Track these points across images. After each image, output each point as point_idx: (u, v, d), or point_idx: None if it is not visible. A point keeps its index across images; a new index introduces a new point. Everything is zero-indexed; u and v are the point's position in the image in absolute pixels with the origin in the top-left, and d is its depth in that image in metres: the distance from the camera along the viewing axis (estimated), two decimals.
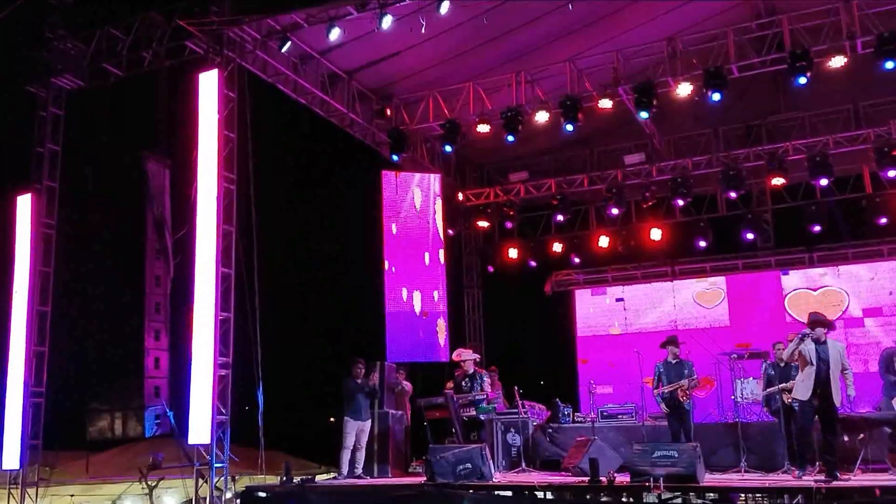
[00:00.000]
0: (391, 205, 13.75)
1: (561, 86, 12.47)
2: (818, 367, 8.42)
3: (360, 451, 10.83)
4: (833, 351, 8.46)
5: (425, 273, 13.77)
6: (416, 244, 13.82)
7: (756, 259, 15.60)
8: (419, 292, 13.60)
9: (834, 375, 8.41)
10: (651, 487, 8.45)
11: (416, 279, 13.65)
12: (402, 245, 13.71)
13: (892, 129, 12.79)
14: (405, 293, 13.53)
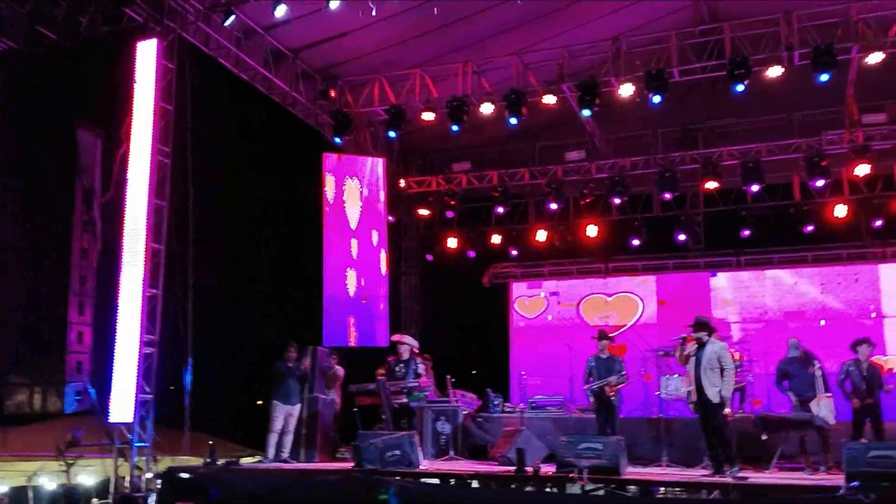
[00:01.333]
0: (332, 188, 13.60)
1: (507, 79, 12.52)
2: (695, 368, 8.84)
3: (287, 435, 10.75)
4: (708, 351, 8.80)
5: (364, 258, 13.67)
6: (357, 229, 13.70)
7: (686, 260, 15.97)
8: (358, 277, 13.50)
9: (706, 374, 8.75)
10: (576, 479, 8.60)
11: (355, 264, 13.55)
12: (342, 229, 13.58)
13: (823, 140, 13.20)
14: (343, 277, 13.42)
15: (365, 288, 13.48)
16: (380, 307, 13.64)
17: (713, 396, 8.79)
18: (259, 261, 14.41)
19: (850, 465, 7.84)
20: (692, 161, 14.07)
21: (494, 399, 12.78)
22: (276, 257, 14.19)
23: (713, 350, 8.87)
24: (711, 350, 8.87)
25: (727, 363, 8.83)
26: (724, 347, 9.02)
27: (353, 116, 13.32)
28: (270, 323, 13.90)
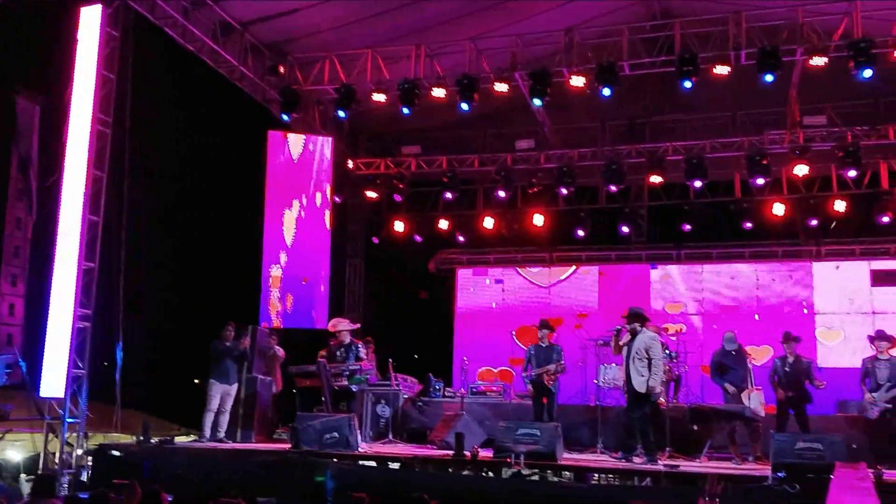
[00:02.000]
0: (277, 166, 13.42)
1: (460, 64, 12.49)
2: (626, 357, 9.17)
3: (223, 414, 10.67)
4: (638, 341, 9.04)
5: (308, 238, 13.54)
6: (301, 208, 13.55)
7: (628, 252, 16.20)
8: (301, 257, 13.37)
9: (634, 364, 9.03)
10: (512, 463, 8.70)
11: (299, 244, 13.41)
12: (285, 208, 13.42)
13: (765, 139, 13.50)
14: (285, 257, 13.28)
15: (306, 269, 13.36)
16: (320, 289, 13.54)
17: (639, 386, 9.02)
18: (199, 237, 14.14)
19: (776, 457, 8.09)
20: (638, 155, 14.23)
21: (436, 384, 12.83)
22: (218, 234, 13.94)
23: (642, 340, 9.10)
24: (640, 340, 9.11)
25: (655, 354, 9.03)
26: (654, 338, 9.21)
27: (302, 94, 13.13)
28: (210, 301, 13.67)
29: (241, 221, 13.98)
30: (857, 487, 6.38)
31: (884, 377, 9.12)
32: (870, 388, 9.19)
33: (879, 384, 9.12)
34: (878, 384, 9.13)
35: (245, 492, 7.69)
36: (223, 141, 13.75)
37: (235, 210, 14.17)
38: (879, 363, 9.23)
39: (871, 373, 9.25)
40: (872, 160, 13.68)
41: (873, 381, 9.19)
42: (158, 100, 12.89)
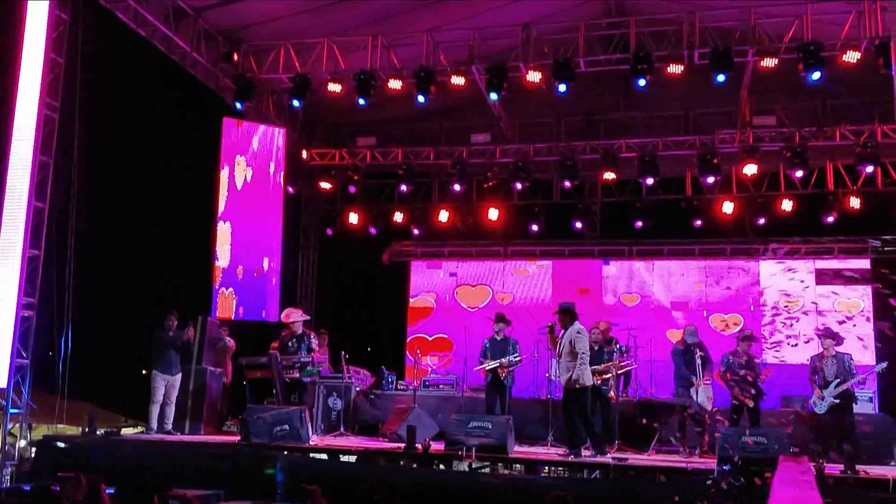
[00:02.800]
0: (230, 154, 13.23)
1: (417, 56, 12.44)
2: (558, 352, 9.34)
3: (169, 406, 10.54)
4: (566, 336, 9.23)
5: (261, 229, 13.40)
6: (253, 198, 13.39)
7: (582, 247, 16.34)
8: (253, 248, 13.22)
9: (563, 359, 9.22)
10: (463, 456, 8.73)
11: (251, 234, 13.26)
12: (238, 198, 13.25)
13: (716, 138, 13.73)
14: (238, 248, 13.11)
15: (258, 260, 13.22)
16: (272, 281, 13.41)
17: (566, 380, 9.12)
18: (150, 226, 13.86)
19: (722, 450, 8.26)
20: (593, 151, 14.36)
21: (388, 376, 12.81)
22: (169, 223, 13.68)
23: (569, 334, 9.22)
24: (568, 335, 9.23)
25: (580, 347, 9.15)
26: (581, 332, 9.31)
27: (256, 83, 12.95)
28: (160, 291, 13.43)
29: (193, 210, 13.75)
30: (799, 480, 6.55)
31: (831, 374, 9.36)
32: (819, 385, 9.43)
33: (828, 380, 9.36)
34: (826, 381, 9.37)
35: (193, 484, 7.61)
36: (176, 128, 13.48)
37: (187, 199, 13.92)
38: (827, 360, 9.47)
39: (819, 370, 9.49)
40: (819, 161, 14.01)
41: (821, 378, 9.43)
42: (109, 85, 12.57)
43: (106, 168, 12.94)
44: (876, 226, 14.39)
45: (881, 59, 10.47)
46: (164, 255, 14.03)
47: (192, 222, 13.69)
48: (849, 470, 8.46)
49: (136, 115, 13.43)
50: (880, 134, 12.74)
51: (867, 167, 13.11)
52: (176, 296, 12.76)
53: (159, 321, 10.77)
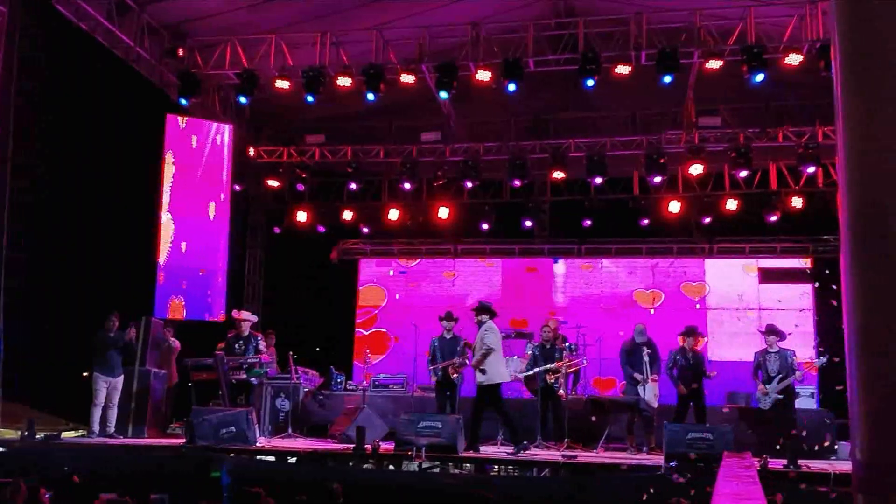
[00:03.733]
0: (174, 152, 12.97)
1: (366, 53, 12.34)
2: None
3: (111, 409, 10.29)
4: (479, 333, 9.49)
5: (206, 228, 13.15)
6: (198, 196, 13.14)
7: (531, 246, 16.44)
8: (198, 247, 12.97)
9: (476, 356, 9.43)
10: (413, 456, 8.68)
11: (196, 233, 13.00)
12: (183, 196, 12.98)
13: (662, 138, 13.91)
14: (182, 247, 12.85)
15: (203, 259, 12.97)
16: (218, 280, 13.17)
17: (479, 377, 9.35)
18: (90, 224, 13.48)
19: (669, 447, 8.37)
20: (542, 150, 14.44)
21: (337, 377, 12.69)
22: (111, 221, 13.32)
23: (480, 332, 9.47)
24: (480, 332, 9.47)
25: (489, 343, 9.37)
26: (490, 329, 9.53)
27: (202, 78, 12.71)
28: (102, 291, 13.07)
29: (135, 209, 13.41)
30: (743, 476, 6.65)
31: (775, 369, 9.54)
32: (762, 380, 9.61)
33: (771, 376, 9.54)
34: (769, 376, 9.56)
35: (136, 489, 7.41)
36: (117, 125, 13.13)
37: (129, 197, 13.57)
38: (770, 356, 9.66)
39: (762, 365, 9.67)
40: (762, 161, 14.30)
41: (765, 374, 9.61)
42: (48, 80, 12.19)
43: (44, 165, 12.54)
44: (817, 225, 14.74)
45: (822, 62, 10.73)
46: (105, 254, 13.65)
47: (134, 221, 13.36)
48: (791, 464, 8.64)
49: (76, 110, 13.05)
50: (821, 135, 13.06)
51: (809, 168, 13.43)
52: (119, 296, 12.43)
53: (100, 322, 10.49)
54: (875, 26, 3.28)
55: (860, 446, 3.07)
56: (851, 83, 3.32)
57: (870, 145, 3.15)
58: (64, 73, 12.98)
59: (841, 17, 3.41)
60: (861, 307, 3.01)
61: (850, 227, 3.07)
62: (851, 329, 3.05)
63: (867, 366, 2.99)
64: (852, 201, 3.10)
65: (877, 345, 2.94)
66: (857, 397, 3.06)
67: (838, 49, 3.41)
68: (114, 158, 13.42)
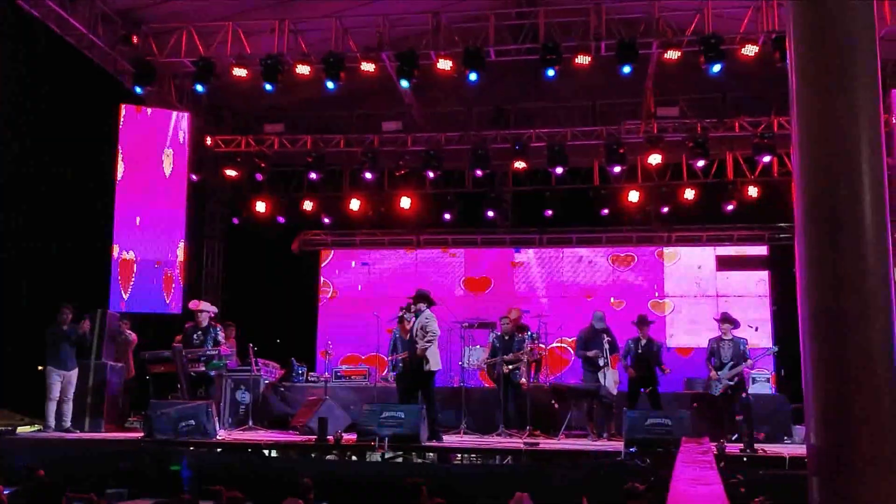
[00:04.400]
0: (129, 141, 12.71)
1: (325, 41, 12.21)
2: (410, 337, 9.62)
3: (67, 403, 10.10)
4: (419, 320, 9.56)
5: (162, 219, 12.93)
6: (154, 187, 12.90)
7: (493, 236, 16.48)
8: (154, 239, 12.75)
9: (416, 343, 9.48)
10: (376, 447, 8.66)
11: (152, 224, 12.78)
12: (139, 186, 12.74)
13: (622, 129, 14.01)
14: (138, 238, 12.62)
15: (159, 251, 12.76)
16: (175, 272, 12.97)
17: (417, 363, 9.40)
18: (45, 215, 13.19)
19: (629, 433, 8.47)
20: (503, 140, 14.45)
21: (298, 368, 12.60)
22: (65, 212, 13.05)
23: (421, 319, 9.52)
24: (420, 319, 9.53)
25: (430, 330, 9.45)
26: (430, 317, 9.61)
27: (157, 66, 12.47)
28: (56, 284, 12.81)
29: (89, 200, 13.15)
30: (700, 460, 6.75)
31: (727, 356, 9.70)
32: (715, 367, 9.76)
33: (723, 363, 9.70)
34: (722, 363, 9.71)
35: (94, 483, 7.30)
36: (70, 114, 12.84)
37: (83, 188, 13.30)
38: (724, 343, 9.81)
39: (716, 352, 9.82)
40: (719, 151, 14.50)
41: (718, 360, 9.77)
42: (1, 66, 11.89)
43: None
44: (772, 214, 14.99)
45: (777, 53, 10.90)
46: (59, 247, 13.38)
47: (89, 212, 13.11)
48: (748, 448, 8.81)
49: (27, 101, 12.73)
50: (777, 125, 13.26)
51: (764, 157, 13.65)
52: (74, 289, 12.20)
53: (54, 315, 10.28)
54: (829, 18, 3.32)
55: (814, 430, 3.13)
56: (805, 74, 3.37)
57: (822, 135, 3.20)
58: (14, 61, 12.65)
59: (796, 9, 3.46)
60: (815, 293, 3.06)
61: (804, 214, 3.12)
62: (806, 314, 3.10)
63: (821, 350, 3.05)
64: (806, 189, 3.15)
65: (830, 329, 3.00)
66: (811, 382, 3.12)
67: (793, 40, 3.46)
68: (67, 148, 13.14)
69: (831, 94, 3.26)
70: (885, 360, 2.93)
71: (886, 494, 2.86)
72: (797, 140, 3.24)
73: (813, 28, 3.40)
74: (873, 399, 2.94)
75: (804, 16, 3.43)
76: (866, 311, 2.95)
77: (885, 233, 3.00)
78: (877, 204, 3.01)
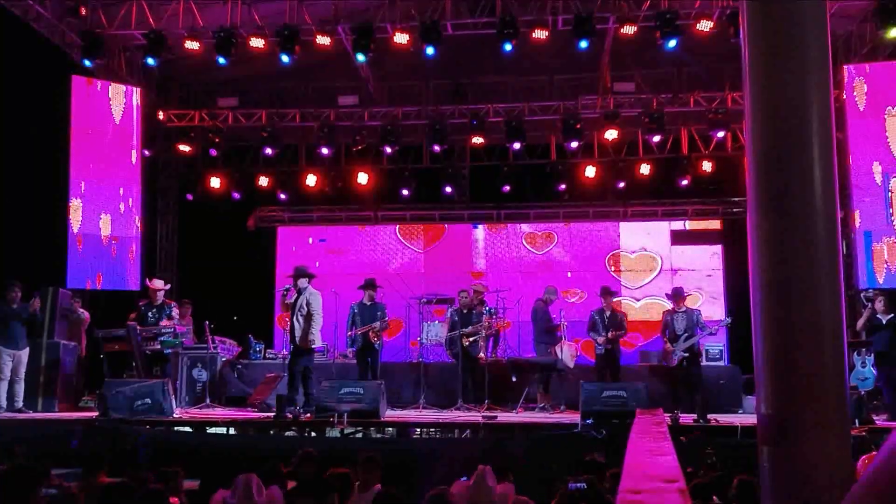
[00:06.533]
0: (81, 116, 12.39)
1: (280, 13, 12.01)
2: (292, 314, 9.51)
3: (18, 383, 9.92)
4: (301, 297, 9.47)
5: (116, 195, 12.67)
6: (107, 162, 12.61)
7: (451, 212, 16.47)
8: (108, 215, 12.49)
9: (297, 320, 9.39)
10: (335, 423, 8.67)
11: (106, 201, 12.51)
12: (92, 162, 12.45)
13: (578, 104, 14.07)
14: (92, 214, 12.36)
15: (114, 227, 12.52)
16: (130, 248, 12.75)
17: (300, 340, 9.32)
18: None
19: (585, 405, 8.59)
20: (461, 115, 14.41)
21: (256, 345, 12.52)
22: (11, 190, 12.73)
23: (304, 296, 9.43)
24: (303, 297, 9.43)
25: (314, 308, 9.38)
26: (315, 295, 9.53)
27: (107, 39, 12.16)
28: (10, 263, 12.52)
29: (40, 177, 12.82)
30: (654, 431, 6.87)
31: (681, 328, 9.88)
32: (669, 339, 9.93)
33: (677, 335, 9.87)
34: (676, 335, 9.89)
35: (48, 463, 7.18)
36: (15, 88, 12.47)
37: (34, 165, 12.96)
38: (677, 315, 9.99)
39: (669, 324, 9.99)
40: (674, 126, 14.65)
41: (671, 332, 9.94)
42: None
43: None
44: (726, 189, 15.22)
45: (731, 28, 11.01)
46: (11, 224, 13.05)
47: (38, 187, 12.79)
48: (701, 419, 9.00)
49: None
50: (730, 101, 13.44)
51: (718, 132, 13.83)
52: (28, 267, 11.92)
53: (3, 293, 10.05)
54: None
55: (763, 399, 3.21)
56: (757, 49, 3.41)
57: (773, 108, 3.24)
58: None
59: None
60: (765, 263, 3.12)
61: (755, 186, 3.17)
62: (756, 285, 3.17)
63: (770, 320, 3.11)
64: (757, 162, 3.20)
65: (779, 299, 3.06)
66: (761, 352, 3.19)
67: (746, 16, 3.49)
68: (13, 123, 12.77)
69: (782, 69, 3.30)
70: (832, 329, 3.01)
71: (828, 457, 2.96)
72: (749, 114, 3.28)
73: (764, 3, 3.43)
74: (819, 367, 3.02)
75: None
76: (814, 280, 3.02)
77: (833, 204, 3.07)
78: (825, 176, 3.08)
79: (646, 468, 2.71)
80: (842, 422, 3.10)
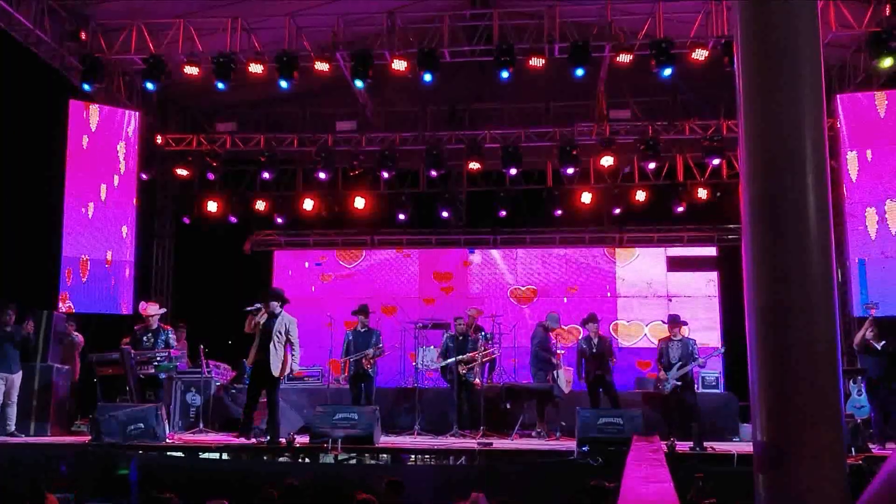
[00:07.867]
0: (77, 140, 12.44)
1: (279, 40, 12.11)
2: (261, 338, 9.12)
3: (10, 406, 9.85)
4: (278, 322, 9.10)
5: (110, 218, 12.67)
6: (101, 184, 12.63)
7: (448, 236, 16.49)
8: (101, 238, 12.49)
9: (273, 346, 9.01)
10: (329, 449, 8.60)
11: (99, 223, 12.51)
12: (88, 185, 12.48)
13: (575, 130, 14.15)
14: (88, 237, 12.35)
15: (109, 251, 12.51)
16: (125, 272, 12.73)
17: (275, 368, 9.02)
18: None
19: (581, 431, 8.55)
20: (458, 141, 14.49)
21: (249, 370, 12.43)
22: (11, 213, 12.73)
23: (282, 322, 9.11)
24: (280, 322, 9.11)
25: (294, 337, 9.14)
26: (293, 322, 9.28)
27: (106, 63, 12.23)
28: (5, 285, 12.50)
29: (37, 199, 12.84)
30: (651, 458, 6.84)
31: (676, 356, 9.87)
32: (664, 367, 9.92)
33: (672, 363, 9.85)
34: (670, 363, 9.87)
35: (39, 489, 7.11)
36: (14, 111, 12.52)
37: (31, 187, 12.98)
38: (672, 343, 9.98)
39: (664, 352, 9.98)
40: (670, 153, 14.73)
41: (667, 360, 9.93)
42: None
43: None
44: (722, 215, 15.28)
45: (726, 58, 11.12)
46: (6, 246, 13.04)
47: (34, 210, 12.80)
48: (697, 447, 8.95)
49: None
50: (725, 128, 13.53)
51: (714, 159, 13.90)
52: (22, 289, 11.90)
53: None
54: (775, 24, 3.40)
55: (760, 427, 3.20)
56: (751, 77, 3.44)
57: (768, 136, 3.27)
58: None
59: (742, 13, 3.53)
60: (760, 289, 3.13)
61: (750, 212, 3.18)
62: (751, 311, 3.17)
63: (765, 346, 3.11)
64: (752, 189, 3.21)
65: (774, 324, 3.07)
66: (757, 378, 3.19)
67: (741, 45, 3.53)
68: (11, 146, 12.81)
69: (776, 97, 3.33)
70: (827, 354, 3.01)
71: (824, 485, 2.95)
72: (744, 141, 3.31)
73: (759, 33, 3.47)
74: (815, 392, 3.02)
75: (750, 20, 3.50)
76: (809, 306, 3.03)
77: (827, 230, 3.09)
78: (820, 202, 3.10)
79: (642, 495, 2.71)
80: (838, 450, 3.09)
